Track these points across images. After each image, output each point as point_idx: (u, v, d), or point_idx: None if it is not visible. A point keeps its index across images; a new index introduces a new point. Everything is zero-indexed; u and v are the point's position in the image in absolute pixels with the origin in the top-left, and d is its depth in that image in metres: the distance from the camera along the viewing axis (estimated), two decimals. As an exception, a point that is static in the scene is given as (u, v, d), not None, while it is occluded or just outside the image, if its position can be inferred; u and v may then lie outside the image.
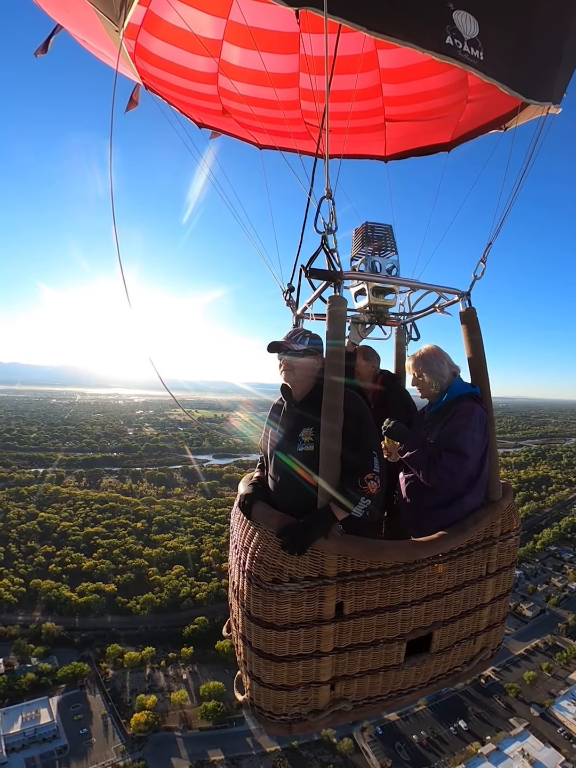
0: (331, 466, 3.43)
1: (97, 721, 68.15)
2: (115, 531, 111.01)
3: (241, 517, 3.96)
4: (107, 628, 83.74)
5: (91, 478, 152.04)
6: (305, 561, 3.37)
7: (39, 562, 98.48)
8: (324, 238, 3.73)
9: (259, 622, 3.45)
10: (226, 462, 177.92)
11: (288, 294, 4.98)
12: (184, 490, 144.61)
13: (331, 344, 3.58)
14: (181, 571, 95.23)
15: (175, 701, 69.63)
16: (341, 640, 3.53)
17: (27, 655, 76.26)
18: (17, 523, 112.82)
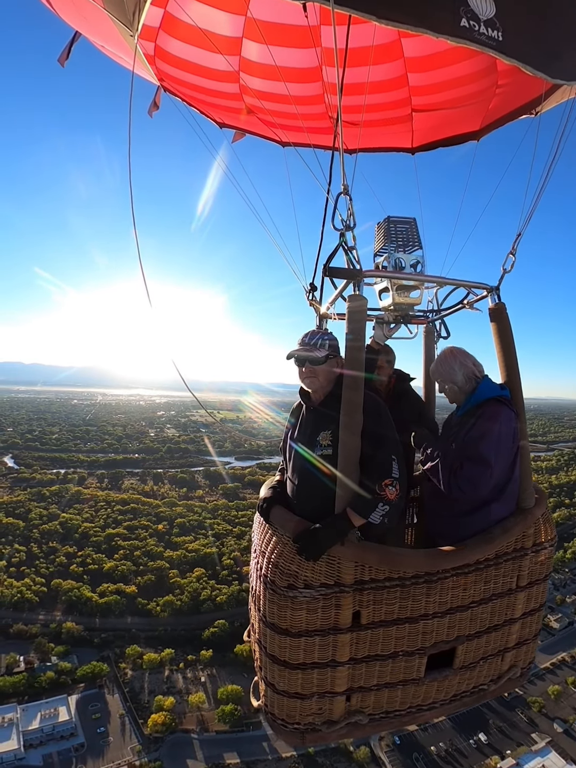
0: (348, 471, 3.34)
1: (115, 720, 68.86)
2: (136, 533, 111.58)
3: (261, 522, 3.89)
4: (127, 629, 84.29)
5: (113, 480, 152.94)
6: (321, 567, 3.29)
7: (60, 563, 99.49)
8: (342, 236, 3.63)
9: (273, 628, 3.40)
10: (248, 464, 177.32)
11: (310, 293, 4.83)
12: (206, 493, 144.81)
13: (351, 342, 3.49)
14: (201, 574, 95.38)
15: (192, 703, 69.91)
16: (358, 651, 3.42)
17: (47, 654, 77.31)
18: (39, 524, 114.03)
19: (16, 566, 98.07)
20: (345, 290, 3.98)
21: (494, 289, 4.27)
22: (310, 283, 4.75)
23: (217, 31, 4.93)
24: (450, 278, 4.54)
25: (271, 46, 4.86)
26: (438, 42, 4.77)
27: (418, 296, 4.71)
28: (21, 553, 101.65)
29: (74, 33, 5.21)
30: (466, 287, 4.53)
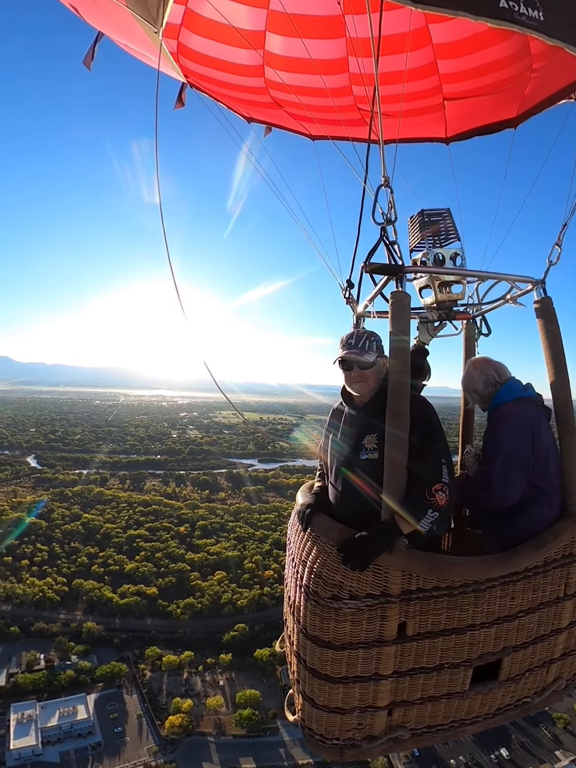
0: (395, 476, 3.23)
1: (132, 720, 69.33)
2: (157, 534, 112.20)
3: (299, 529, 3.75)
4: (147, 631, 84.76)
5: (135, 481, 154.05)
6: (367, 577, 3.16)
7: (82, 563, 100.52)
8: (383, 230, 3.55)
9: (315, 641, 3.29)
10: (271, 467, 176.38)
11: (347, 291, 4.69)
12: (228, 495, 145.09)
13: (395, 343, 3.36)
14: (223, 577, 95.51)
15: (210, 706, 69.99)
16: (402, 663, 3.29)
17: (67, 653, 78.29)
18: (61, 524, 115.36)
19: (38, 565, 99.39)
20: (385, 287, 3.86)
21: (539, 283, 4.09)
22: (346, 280, 4.62)
23: (239, 26, 4.87)
24: (492, 272, 4.39)
25: (294, 38, 4.84)
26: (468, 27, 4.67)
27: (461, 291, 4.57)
28: (43, 553, 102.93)
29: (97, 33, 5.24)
30: (509, 281, 4.38)
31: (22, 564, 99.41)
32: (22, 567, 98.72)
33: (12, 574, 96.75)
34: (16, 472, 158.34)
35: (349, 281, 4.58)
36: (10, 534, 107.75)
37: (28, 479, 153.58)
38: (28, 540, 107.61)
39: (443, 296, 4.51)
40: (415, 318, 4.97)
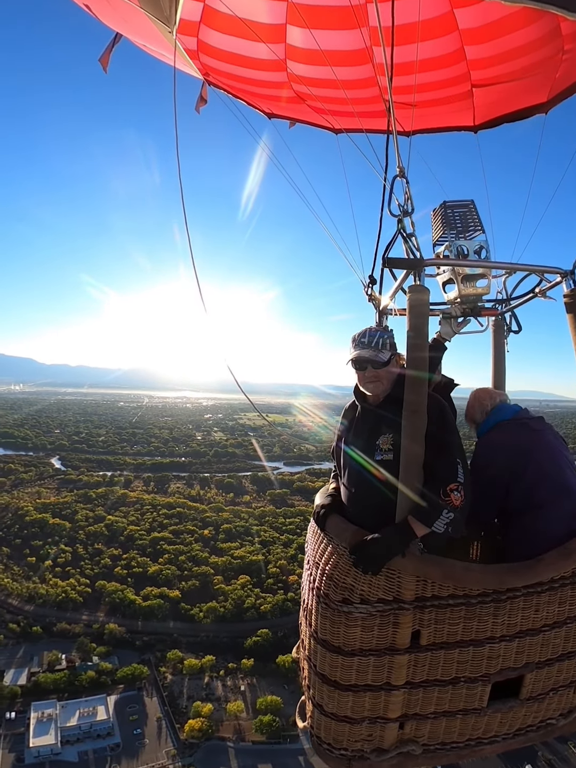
0: (412, 473, 3.14)
1: (152, 723, 69.92)
2: (181, 537, 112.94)
3: (315, 531, 3.73)
4: (169, 634, 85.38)
5: (159, 483, 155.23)
6: (379, 581, 3.10)
7: (105, 564, 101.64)
8: (400, 222, 3.42)
9: (325, 645, 3.24)
10: (297, 470, 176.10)
11: (369, 287, 4.56)
12: (253, 498, 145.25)
13: (412, 339, 3.27)
14: (246, 582, 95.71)
15: (230, 712, 70.18)
16: (415, 674, 3.19)
17: (89, 654, 79.39)
18: (85, 525, 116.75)
19: (61, 566, 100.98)
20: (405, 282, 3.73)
21: (569, 274, 3.93)
22: (369, 275, 4.48)
23: (258, 20, 4.89)
24: (519, 263, 4.24)
25: (315, 30, 4.79)
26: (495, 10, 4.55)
27: (486, 285, 4.44)
28: (67, 554, 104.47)
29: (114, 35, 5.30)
30: (537, 273, 4.23)
31: (45, 565, 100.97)
32: (45, 568, 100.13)
33: (35, 575, 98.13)
34: (41, 474, 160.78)
35: (371, 277, 4.46)
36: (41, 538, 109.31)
37: (53, 480, 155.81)
38: (52, 541, 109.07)
39: (467, 290, 4.39)
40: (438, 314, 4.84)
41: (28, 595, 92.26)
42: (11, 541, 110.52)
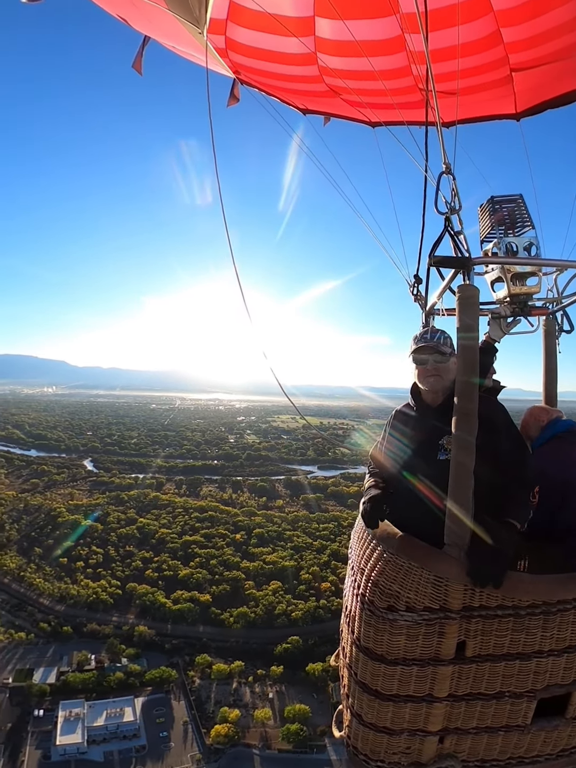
0: (462, 480, 3.04)
1: (178, 726, 70.62)
2: (213, 541, 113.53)
3: (360, 536, 3.66)
4: (198, 638, 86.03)
5: (191, 486, 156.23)
6: (426, 589, 3.00)
7: (136, 567, 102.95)
8: (447, 220, 3.35)
9: (367, 653, 3.18)
10: (331, 474, 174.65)
11: (415, 288, 4.48)
12: (286, 503, 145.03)
13: (463, 339, 3.19)
14: (278, 588, 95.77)
15: (258, 719, 70.35)
16: (459, 686, 3.09)
17: (118, 655, 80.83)
18: (116, 527, 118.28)
19: (93, 568, 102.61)
20: (453, 281, 3.65)
21: None
22: (414, 275, 4.41)
23: (285, 13, 4.88)
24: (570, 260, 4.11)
25: (345, 20, 4.75)
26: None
27: (536, 284, 4.35)
28: (98, 555, 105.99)
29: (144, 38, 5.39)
30: None
31: (77, 565, 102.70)
32: (77, 568, 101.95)
33: (67, 575, 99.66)
34: (73, 475, 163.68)
35: (416, 276, 4.40)
36: (68, 537, 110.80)
37: (85, 482, 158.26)
38: (84, 542, 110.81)
39: (517, 289, 4.30)
40: (486, 314, 4.73)
41: (59, 595, 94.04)
42: (44, 542, 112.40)
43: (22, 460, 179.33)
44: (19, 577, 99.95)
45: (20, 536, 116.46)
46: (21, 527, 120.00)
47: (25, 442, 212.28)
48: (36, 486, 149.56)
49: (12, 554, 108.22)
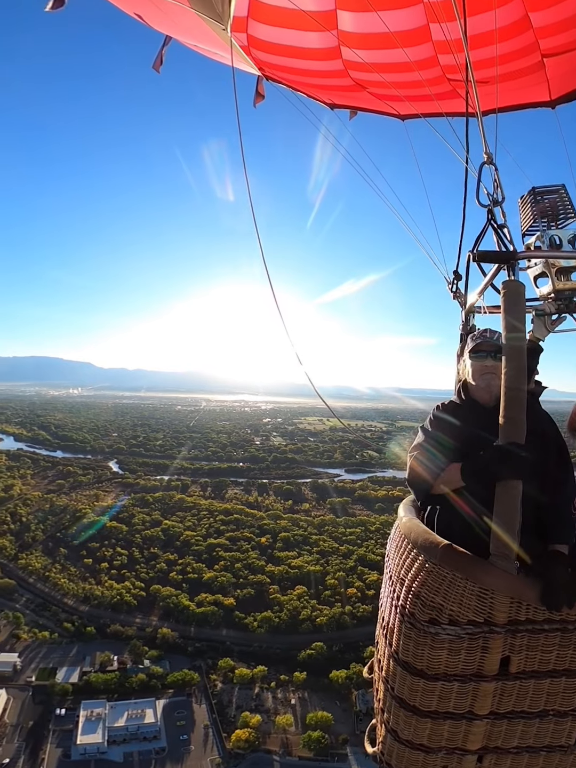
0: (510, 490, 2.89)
1: (199, 730, 71.40)
2: (238, 544, 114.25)
3: (399, 544, 3.49)
4: (221, 642, 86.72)
5: (216, 489, 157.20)
6: (471, 601, 2.87)
7: (160, 569, 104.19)
8: (490, 212, 3.22)
9: (406, 667, 3.06)
10: (359, 477, 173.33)
11: (454, 284, 4.32)
12: (313, 506, 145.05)
13: (509, 341, 3.02)
14: (303, 593, 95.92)
15: (279, 725, 70.65)
16: (501, 704, 2.97)
17: (140, 657, 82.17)
18: (141, 529, 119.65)
19: (117, 569, 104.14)
20: (496, 277, 3.51)
21: None
22: (453, 271, 4.25)
23: (306, 8, 4.82)
24: None
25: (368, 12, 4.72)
26: None
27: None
28: (123, 557, 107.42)
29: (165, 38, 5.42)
30: None
31: (101, 567, 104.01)
32: (101, 570, 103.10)
33: (91, 576, 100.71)
34: (98, 477, 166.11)
35: (455, 272, 4.24)
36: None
37: (110, 483, 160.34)
38: (109, 543, 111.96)
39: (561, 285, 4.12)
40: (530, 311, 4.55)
41: (83, 595, 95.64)
42: (69, 543, 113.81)
43: (48, 461, 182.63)
44: (43, 577, 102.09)
45: (45, 536, 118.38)
46: (46, 527, 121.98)
47: (51, 443, 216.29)
48: (61, 487, 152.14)
49: (37, 554, 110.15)
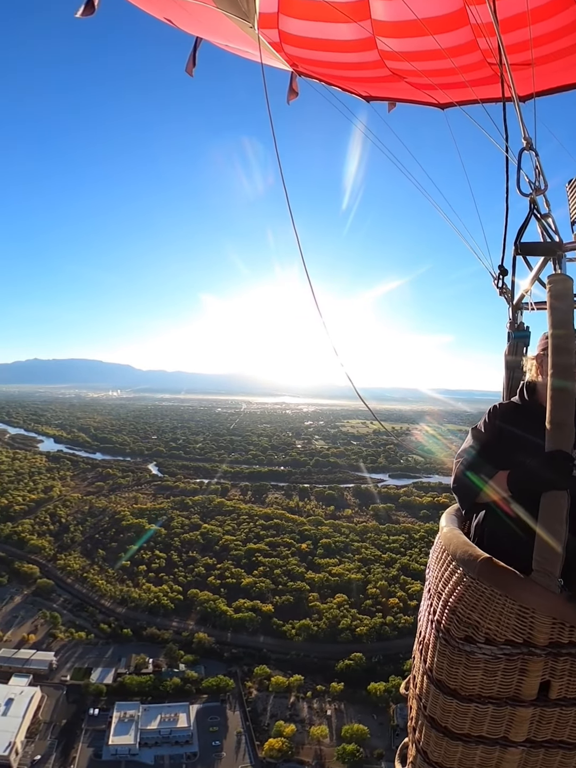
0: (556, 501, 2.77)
1: (231, 737, 71.23)
2: (278, 550, 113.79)
3: (439, 556, 3.38)
4: (258, 648, 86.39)
5: (257, 493, 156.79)
6: (509, 620, 2.77)
7: (198, 573, 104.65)
8: (532, 202, 3.03)
9: (440, 686, 3.00)
10: (403, 483, 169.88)
11: (500, 280, 4.13)
12: (355, 512, 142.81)
13: (555, 339, 2.91)
14: (343, 601, 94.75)
15: (313, 735, 69.50)
16: (538, 731, 2.86)
17: (176, 661, 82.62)
18: (180, 532, 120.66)
19: (155, 572, 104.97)
20: (543, 270, 3.32)
21: None
22: (498, 265, 4.06)
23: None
24: None
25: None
26: None
27: None
28: (161, 560, 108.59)
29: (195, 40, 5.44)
30: None
31: (139, 569, 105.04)
32: (139, 572, 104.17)
33: (129, 578, 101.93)
34: (138, 479, 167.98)
35: (500, 267, 4.04)
36: (134, 541, 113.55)
37: (149, 486, 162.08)
38: (147, 546, 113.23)
39: None
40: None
41: (120, 597, 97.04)
42: (107, 544, 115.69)
43: (88, 462, 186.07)
44: (81, 578, 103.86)
45: (84, 538, 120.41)
46: (85, 529, 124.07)
47: (90, 446, 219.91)
48: (101, 489, 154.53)
49: (76, 555, 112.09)
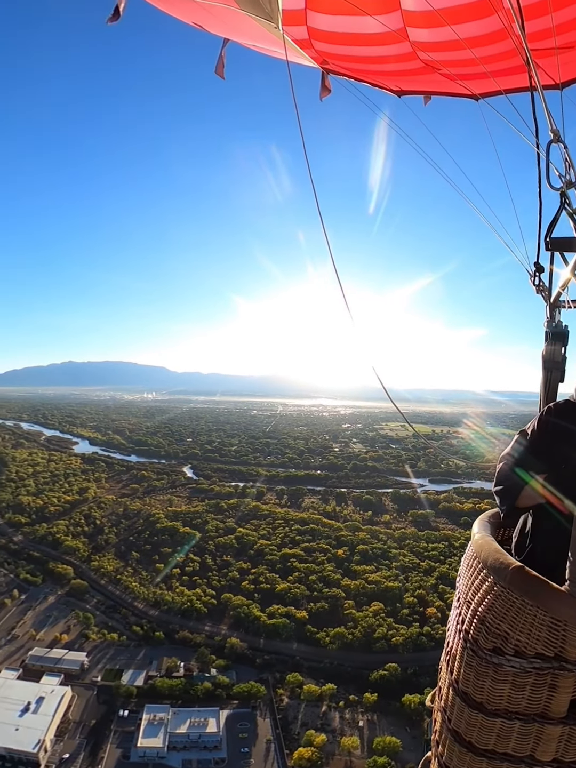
0: None
1: (261, 744, 71.59)
2: (313, 556, 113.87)
3: (470, 563, 3.34)
4: (291, 656, 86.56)
5: (293, 497, 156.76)
6: (540, 632, 2.67)
7: (232, 577, 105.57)
8: (563, 195, 2.92)
9: (465, 698, 2.96)
10: (444, 488, 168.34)
11: (536, 277, 4.02)
12: (394, 518, 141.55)
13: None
14: (379, 609, 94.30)
15: (344, 746, 69.21)
16: (567, 752, 2.78)
17: (207, 665, 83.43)
18: (215, 536, 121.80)
19: (189, 575, 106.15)
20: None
21: None
22: (534, 263, 3.95)
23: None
24: None
25: None
26: None
27: None
28: (195, 563, 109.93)
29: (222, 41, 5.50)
30: None
31: (173, 572, 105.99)
32: (173, 575, 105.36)
33: (162, 581, 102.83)
34: (173, 482, 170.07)
35: (537, 264, 3.93)
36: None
37: (184, 489, 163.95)
38: (181, 549, 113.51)
39: None
40: None
41: (153, 600, 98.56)
42: (141, 547, 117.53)
43: (122, 465, 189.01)
44: (115, 579, 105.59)
45: (118, 540, 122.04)
46: (119, 531, 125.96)
47: (125, 448, 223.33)
48: (135, 491, 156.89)
49: (110, 557, 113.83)
